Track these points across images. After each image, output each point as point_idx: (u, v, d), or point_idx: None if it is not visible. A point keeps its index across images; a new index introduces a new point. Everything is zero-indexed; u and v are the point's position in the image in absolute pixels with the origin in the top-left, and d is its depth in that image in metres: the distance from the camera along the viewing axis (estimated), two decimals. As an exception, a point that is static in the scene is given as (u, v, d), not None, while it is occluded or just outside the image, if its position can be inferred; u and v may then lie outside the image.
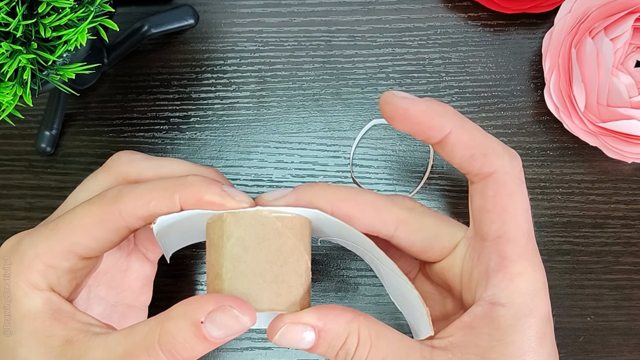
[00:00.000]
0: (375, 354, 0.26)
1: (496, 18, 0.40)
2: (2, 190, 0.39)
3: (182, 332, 0.24)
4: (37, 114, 0.39)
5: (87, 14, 0.28)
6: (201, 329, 0.24)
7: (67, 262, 0.27)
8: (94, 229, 0.27)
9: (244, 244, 0.26)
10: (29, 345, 0.26)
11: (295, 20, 0.40)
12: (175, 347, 0.24)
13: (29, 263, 0.27)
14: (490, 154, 0.28)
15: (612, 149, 0.36)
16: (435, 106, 0.28)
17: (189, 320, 0.24)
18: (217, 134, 0.39)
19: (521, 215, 0.28)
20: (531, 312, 0.26)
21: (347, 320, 0.26)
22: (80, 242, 0.27)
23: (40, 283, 0.27)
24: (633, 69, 0.37)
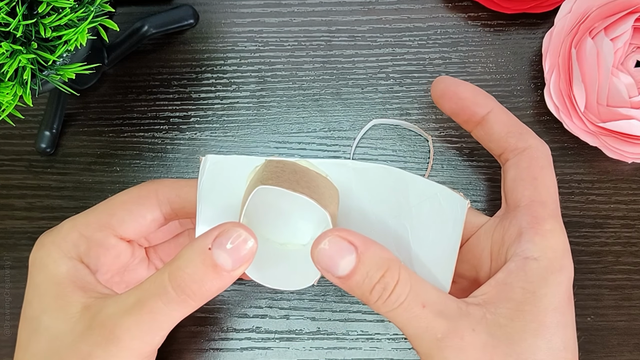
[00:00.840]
0: (414, 296, 0.26)
1: (496, 18, 0.40)
2: (2, 190, 0.39)
3: (191, 263, 0.24)
4: (37, 114, 0.39)
5: (87, 14, 0.28)
6: (210, 256, 0.24)
7: (101, 233, 0.29)
8: (130, 204, 0.29)
9: (283, 168, 0.28)
10: (51, 311, 0.27)
11: (295, 20, 0.40)
12: (184, 280, 0.24)
13: (64, 233, 0.29)
14: (526, 133, 0.31)
15: (612, 149, 0.36)
16: (480, 89, 0.33)
17: (196, 249, 0.24)
18: (217, 134, 0.39)
19: (551, 186, 0.30)
20: (562, 268, 0.28)
21: (388, 256, 0.26)
22: (116, 213, 0.29)
23: (70, 251, 0.28)
24: (633, 69, 0.37)
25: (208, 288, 0.25)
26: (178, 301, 0.25)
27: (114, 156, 0.39)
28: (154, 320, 0.25)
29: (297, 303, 0.37)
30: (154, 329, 0.25)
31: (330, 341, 0.37)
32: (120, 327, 0.25)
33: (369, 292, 0.26)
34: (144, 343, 0.25)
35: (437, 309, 0.26)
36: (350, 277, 0.25)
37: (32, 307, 0.28)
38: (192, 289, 0.25)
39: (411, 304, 0.26)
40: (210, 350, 0.37)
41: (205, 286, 0.25)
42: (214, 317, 0.37)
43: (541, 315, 0.27)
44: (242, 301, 0.37)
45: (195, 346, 0.37)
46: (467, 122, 0.33)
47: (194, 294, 0.25)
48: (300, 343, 0.37)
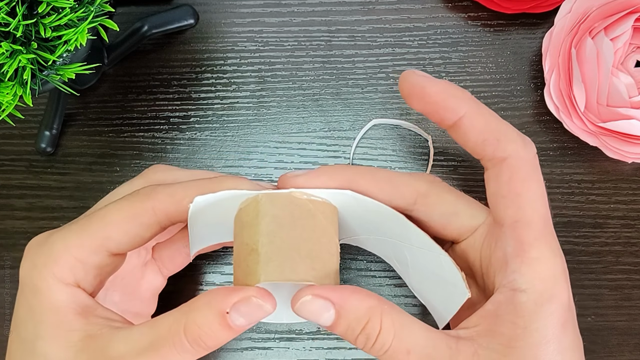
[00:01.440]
0: (399, 343, 0.25)
1: (496, 18, 0.40)
2: (2, 190, 0.39)
3: (207, 322, 0.25)
4: (37, 114, 0.39)
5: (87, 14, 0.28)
6: (226, 319, 0.25)
7: (97, 256, 0.27)
8: (126, 224, 0.27)
9: (279, 221, 0.27)
10: (49, 339, 0.26)
11: (295, 20, 0.40)
12: (200, 337, 0.25)
13: (57, 256, 0.27)
14: (504, 139, 0.28)
15: (612, 149, 0.36)
16: (452, 88, 0.29)
17: (214, 310, 0.25)
18: (217, 134, 0.39)
19: (537, 200, 0.27)
20: (552, 297, 0.26)
21: (368, 306, 0.26)
22: (112, 236, 0.27)
23: (67, 277, 0.27)
24: (633, 69, 0.37)
25: (221, 342, 0.25)
26: (192, 352, 0.25)
27: (114, 156, 0.39)
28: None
29: (297, 303, 0.37)
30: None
31: (330, 341, 0.37)
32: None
33: (354, 341, 0.26)
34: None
35: (425, 353, 0.25)
36: (333, 328, 0.26)
37: (27, 330, 0.27)
38: (206, 344, 0.25)
39: (396, 351, 0.25)
40: (210, 350, 0.37)
41: (219, 340, 0.25)
42: (214, 317, 0.37)
43: (534, 350, 0.26)
44: (242, 301, 0.37)
45: (195, 346, 0.37)
46: (440, 124, 0.30)
47: (208, 347, 0.25)
48: (300, 343, 0.37)
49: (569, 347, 0.27)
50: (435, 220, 0.30)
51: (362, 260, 0.38)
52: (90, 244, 0.27)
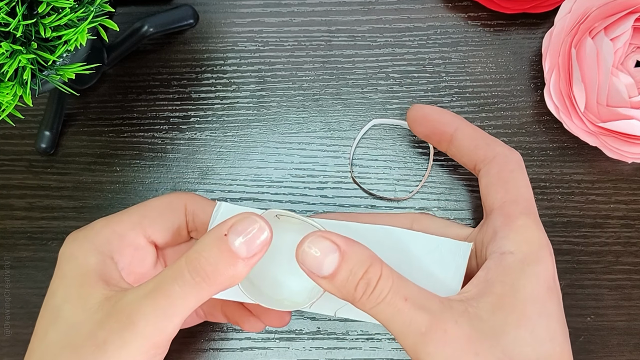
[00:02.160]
0: (396, 290, 0.26)
1: (496, 18, 0.39)
2: (2, 190, 0.39)
3: (207, 247, 0.26)
4: (37, 114, 0.39)
5: (87, 14, 0.28)
6: (225, 241, 0.25)
7: (133, 231, 0.30)
8: (161, 209, 0.31)
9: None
10: (73, 300, 0.28)
11: (295, 20, 0.40)
12: (200, 263, 0.25)
13: (98, 228, 0.30)
14: (492, 143, 0.33)
15: (612, 149, 0.36)
16: (446, 111, 0.34)
17: (213, 235, 0.26)
18: (217, 134, 0.39)
19: (523, 186, 0.31)
20: (537, 261, 0.28)
21: (370, 253, 0.27)
22: (148, 215, 0.30)
23: (102, 246, 0.29)
24: (633, 69, 0.37)
25: (222, 273, 0.25)
26: (193, 284, 0.25)
27: (114, 156, 0.39)
28: (169, 305, 0.25)
29: (297, 303, 0.37)
30: (169, 314, 0.26)
31: (330, 341, 0.37)
32: (136, 313, 0.26)
33: (353, 289, 0.26)
34: (158, 330, 0.26)
35: (420, 303, 0.26)
36: (334, 276, 0.26)
37: (56, 296, 0.28)
38: (206, 272, 0.25)
39: (394, 297, 0.26)
40: (210, 350, 0.37)
41: (219, 270, 0.25)
42: (214, 317, 0.37)
43: (521, 306, 0.27)
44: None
45: (195, 346, 0.37)
46: (440, 143, 0.34)
47: (208, 277, 0.25)
48: (300, 343, 0.37)
49: (553, 316, 0.28)
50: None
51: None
52: (128, 221, 0.30)
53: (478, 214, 0.38)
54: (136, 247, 0.30)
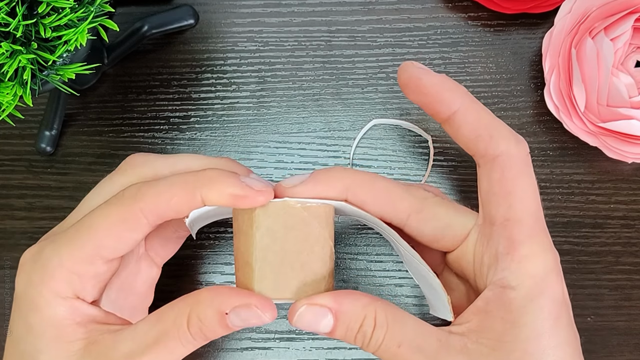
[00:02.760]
0: (390, 337, 0.26)
1: (496, 18, 0.39)
2: (2, 190, 0.39)
3: (208, 318, 0.26)
4: (37, 114, 0.39)
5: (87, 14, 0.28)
6: (225, 319, 0.26)
7: (92, 266, 0.27)
8: (116, 230, 0.27)
9: (272, 234, 0.27)
10: (50, 351, 0.26)
11: (295, 20, 0.40)
12: (201, 329, 0.26)
13: (52, 271, 0.27)
14: (496, 136, 0.28)
15: (612, 149, 0.36)
16: (448, 82, 0.29)
17: (215, 309, 0.26)
18: (217, 134, 0.39)
19: (528, 198, 0.28)
20: (542, 293, 0.26)
21: (363, 304, 0.26)
22: (104, 244, 0.27)
23: (64, 291, 0.27)
24: (633, 69, 0.37)
25: (219, 334, 0.27)
26: (194, 343, 0.26)
27: (114, 156, 0.39)
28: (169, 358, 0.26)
29: (297, 303, 0.37)
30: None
31: (330, 341, 0.37)
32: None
33: (353, 340, 0.27)
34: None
35: (415, 345, 0.26)
36: (333, 333, 0.27)
37: (27, 344, 0.27)
38: (206, 336, 0.26)
39: (388, 344, 0.26)
40: (210, 350, 0.37)
41: (217, 334, 0.26)
42: (214, 317, 0.37)
43: (523, 345, 0.26)
44: (242, 301, 0.37)
45: (195, 346, 0.37)
46: (434, 117, 0.30)
47: (207, 338, 0.27)
48: (300, 343, 0.37)
49: (563, 343, 0.26)
50: (427, 235, 0.30)
51: (362, 260, 0.38)
52: (83, 255, 0.27)
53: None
54: (98, 275, 0.28)
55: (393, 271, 0.38)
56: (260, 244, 0.27)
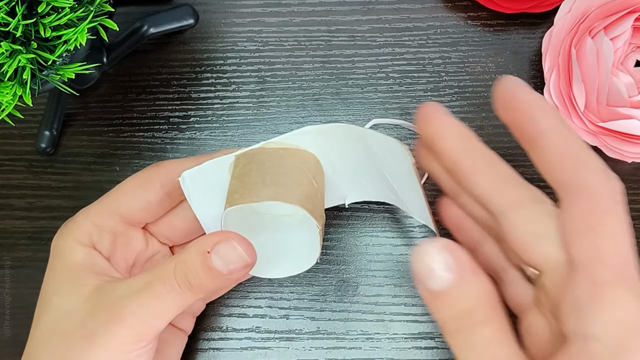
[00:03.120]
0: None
1: (496, 18, 0.39)
2: (2, 190, 0.39)
3: (191, 260, 0.27)
4: (37, 114, 0.39)
5: (87, 14, 0.28)
6: (207, 259, 0.26)
7: (111, 220, 0.31)
8: (134, 189, 0.31)
9: (249, 166, 0.29)
10: (63, 292, 0.29)
11: (295, 20, 0.40)
12: (186, 274, 0.27)
13: (79, 223, 0.31)
14: (583, 167, 0.25)
15: (612, 148, 0.36)
16: (542, 102, 0.26)
17: (199, 250, 0.27)
18: (217, 134, 0.39)
19: (616, 236, 0.24)
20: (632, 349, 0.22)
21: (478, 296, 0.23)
22: (123, 201, 0.31)
23: (84, 239, 0.30)
24: (633, 68, 0.37)
25: (206, 285, 0.27)
26: (179, 291, 0.27)
27: (113, 156, 0.39)
28: (157, 305, 0.27)
29: (297, 303, 0.37)
30: (157, 312, 0.27)
31: (330, 341, 0.37)
32: (125, 307, 0.27)
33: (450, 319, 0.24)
34: (145, 324, 0.27)
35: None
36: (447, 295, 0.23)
37: (47, 288, 0.30)
38: (191, 283, 0.27)
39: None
40: (210, 350, 0.37)
41: (203, 283, 0.27)
42: (214, 316, 0.37)
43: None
44: (242, 301, 0.37)
45: (195, 346, 0.37)
46: (520, 140, 0.27)
47: (193, 288, 0.27)
48: (300, 343, 0.37)
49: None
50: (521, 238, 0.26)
51: (362, 259, 0.38)
52: (105, 210, 0.31)
53: (478, 214, 0.38)
54: (116, 234, 0.31)
55: (393, 271, 0.38)
56: (238, 174, 0.29)
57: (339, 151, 0.31)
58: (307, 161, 0.30)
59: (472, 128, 0.38)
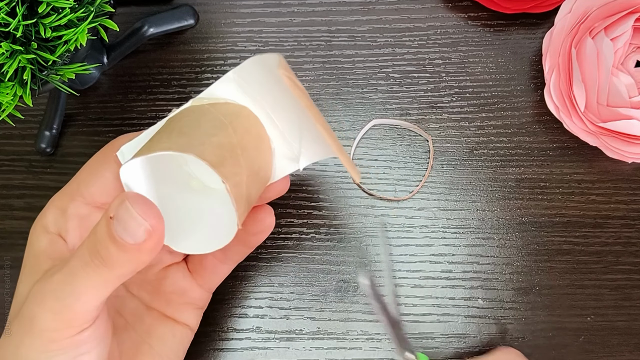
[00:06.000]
0: None
1: (496, 18, 0.40)
2: (2, 190, 0.39)
3: (99, 229, 0.24)
4: (37, 114, 0.39)
5: (87, 14, 0.28)
6: (111, 226, 0.23)
7: (73, 202, 0.29)
8: (91, 167, 0.29)
9: (169, 123, 0.27)
10: (22, 280, 0.28)
11: (295, 20, 0.40)
12: (95, 245, 0.24)
13: (45, 209, 0.29)
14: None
15: (612, 149, 0.36)
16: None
17: (105, 216, 0.23)
18: (217, 134, 0.39)
19: None
20: None
21: None
22: (82, 181, 0.29)
23: (50, 226, 0.29)
24: (633, 69, 0.37)
25: (115, 258, 0.23)
26: (93, 266, 0.24)
27: (114, 156, 0.39)
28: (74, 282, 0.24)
29: (297, 303, 0.37)
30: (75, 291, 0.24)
31: (330, 341, 0.37)
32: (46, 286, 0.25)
33: None
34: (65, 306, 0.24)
35: None
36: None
37: (19, 278, 0.29)
38: (101, 254, 0.24)
39: None
40: (210, 350, 0.37)
41: (112, 255, 0.23)
42: (214, 317, 0.37)
43: None
44: (242, 301, 0.37)
45: (195, 346, 0.37)
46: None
47: (105, 261, 0.24)
48: (300, 343, 0.37)
49: None
50: None
51: (362, 260, 0.38)
52: (68, 192, 0.29)
53: (478, 214, 0.38)
54: (80, 217, 0.29)
55: (393, 271, 0.38)
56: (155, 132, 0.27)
57: (269, 98, 0.28)
58: (232, 113, 0.27)
59: (472, 128, 0.39)
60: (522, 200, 0.38)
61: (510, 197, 0.38)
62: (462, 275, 0.38)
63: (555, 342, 0.37)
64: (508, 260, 0.38)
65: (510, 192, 0.38)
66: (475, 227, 0.38)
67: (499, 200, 0.38)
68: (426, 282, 0.38)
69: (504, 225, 0.38)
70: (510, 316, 0.37)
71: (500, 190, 0.38)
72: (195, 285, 0.33)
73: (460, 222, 0.38)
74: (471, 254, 0.38)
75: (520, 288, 0.38)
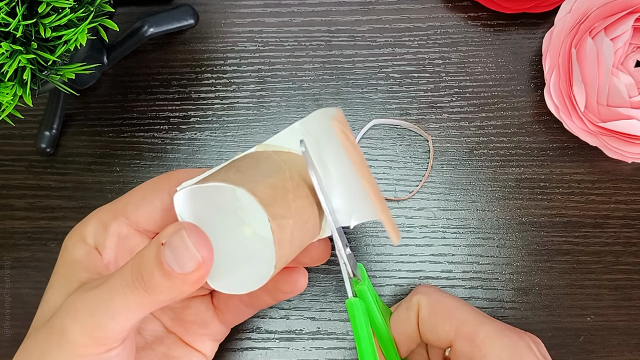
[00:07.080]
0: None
1: (496, 18, 0.39)
2: (2, 190, 0.39)
3: (148, 253, 0.24)
4: (37, 114, 0.39)
5: (87, 14, 0.28)
6: (160, 252, 0.23)
7: (116, 221, 0.29)
8: (144, 192, 0.30)
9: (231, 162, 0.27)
10: (54, 287, 0.28)
11: (295, 20, 0.40)
12: (140, 267, 0.24)
13: (87, 220, 0.30)
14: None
15: (612, 149, 0.36)
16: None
17: (156, 242, 0.24)
18: (217, 134, 0.39)
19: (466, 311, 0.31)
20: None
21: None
22: (130, 201, 0.29)
23: (88, 238, 0.29)
24: (633, 69, 0.37)
25: (157, 284, 0.24)
26: (133, 288, 0.24)
27: (114, 156, 0.39)
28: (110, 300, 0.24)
29: (297, 303, 0.37)
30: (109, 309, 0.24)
31: (330, 341, 0.37)
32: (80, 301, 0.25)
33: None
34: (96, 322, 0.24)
35: None
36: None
37: (49, 282, 0.29)
38: (144, 279, 0.24)
39: None
40: (210, 350, 0.37)
41: (155, 280, 0.24)
42: (214, 317, 0.37)
43: None
44: (242, 301, 0.37)
45: (195, 346, 0.37)
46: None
47: (146, 285, 0.24)
48: (300, 343, 0.37)
49: None
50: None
51: (362, 260, 0.38)
52: (113, 209, 0.30)
53: (478, 215, 0.38)
54: (120, 236, 0.29)
55: (393, 271, 0.38)
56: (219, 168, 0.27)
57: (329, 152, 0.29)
58: (292, 161, 0.28)
59: (472, 128, 0.39)
60: (522, 200, 0.38)
61: (510, 197, 0.38)
62: (462, 275, 0.38)
63: (555, 342, 0.37)
64: (508, 260, 0.38)
65: (510, 192, 0.38)
66: (475, 227, 0.38)
67: (499, 200, 0.38)
68: (426, 282, 0.38)
69: (504, 225, 0.38)
70: (510, 316, 0.37)
71: (500, 190, 0.38)
72: (217, 321, 0.33)
73: (460, 222, 0.38)
74: (471, 254, 0.38)
75: (520, 288, 0.38)
